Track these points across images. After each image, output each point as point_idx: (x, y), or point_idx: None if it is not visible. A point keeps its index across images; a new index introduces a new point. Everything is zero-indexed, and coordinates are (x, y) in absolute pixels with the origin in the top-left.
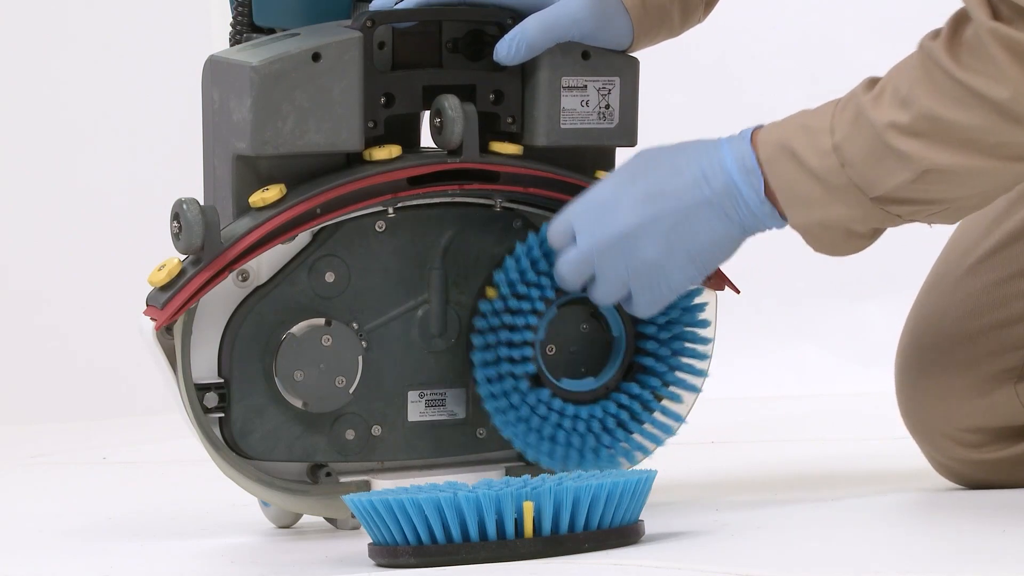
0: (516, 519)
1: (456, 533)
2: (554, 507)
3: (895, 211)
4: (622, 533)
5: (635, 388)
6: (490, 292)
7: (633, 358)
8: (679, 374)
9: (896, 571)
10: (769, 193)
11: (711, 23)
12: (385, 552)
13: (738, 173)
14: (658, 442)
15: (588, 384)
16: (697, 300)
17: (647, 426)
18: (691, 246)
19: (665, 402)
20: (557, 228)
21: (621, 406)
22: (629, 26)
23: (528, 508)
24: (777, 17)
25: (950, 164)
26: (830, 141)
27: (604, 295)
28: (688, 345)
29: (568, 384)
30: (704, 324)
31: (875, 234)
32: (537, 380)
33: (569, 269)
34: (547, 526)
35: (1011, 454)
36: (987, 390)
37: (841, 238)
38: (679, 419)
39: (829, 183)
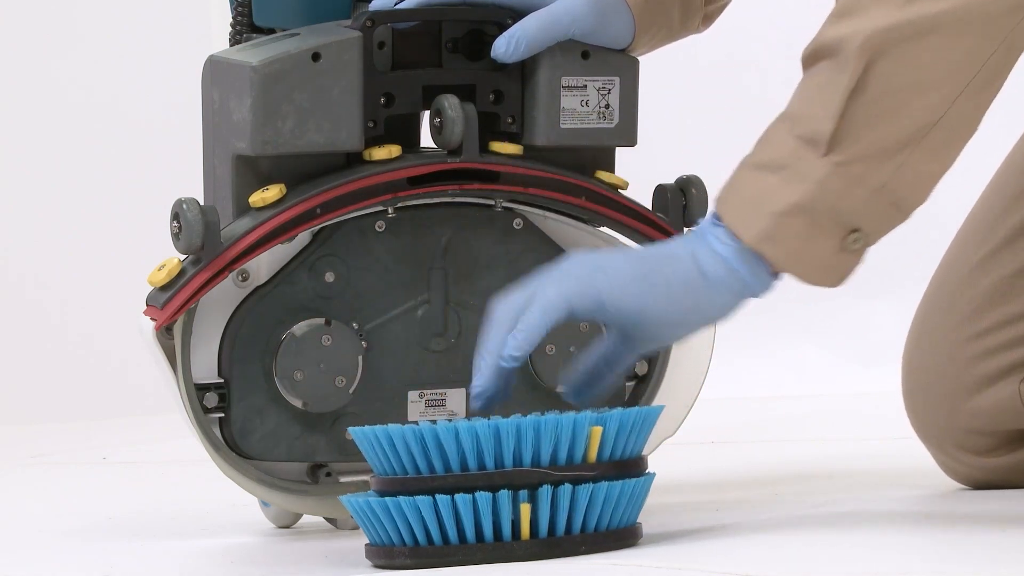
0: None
1: (453, 535)
2: (551, 509)
3: (851, 160)
4: (619, 536)
5: None
6: None
7: None
8: None
9: (896, 571)
10: (722, 212)
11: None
12: (382, 553)
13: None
14: None
15: None
16: None
17: None
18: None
19: None
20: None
21: None
22: (630, 24)
23: (525, 510)
24: (778, 17)
25: (889, 24)
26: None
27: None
28: None
29: None
30: None
31: (846, 236)
32: None
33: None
34: (544, 528)
35: (1020, 459)
36: (992, 388)
37: (805, 231)
38: None
39: (780, 162)
